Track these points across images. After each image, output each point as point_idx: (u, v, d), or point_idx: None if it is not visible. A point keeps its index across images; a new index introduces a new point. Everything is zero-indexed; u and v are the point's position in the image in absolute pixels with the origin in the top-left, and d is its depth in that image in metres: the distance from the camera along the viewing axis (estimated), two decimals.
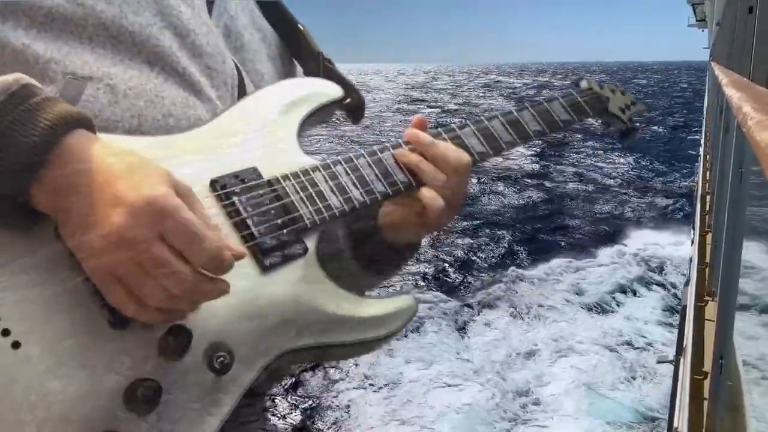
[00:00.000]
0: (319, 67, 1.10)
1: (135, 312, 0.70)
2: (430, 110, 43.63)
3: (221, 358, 0.76)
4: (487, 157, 1.05)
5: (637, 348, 8.75)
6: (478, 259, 12.57)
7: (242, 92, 0.98)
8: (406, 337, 8.45)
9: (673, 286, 10.61)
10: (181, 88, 0.88)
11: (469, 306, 10.14)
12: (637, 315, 9.86)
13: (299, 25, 1.13)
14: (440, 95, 60.79)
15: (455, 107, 45.70)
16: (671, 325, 9.04)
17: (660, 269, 11.58)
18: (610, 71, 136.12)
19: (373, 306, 0.90)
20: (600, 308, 10.19)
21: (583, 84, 1.26)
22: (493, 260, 12.57)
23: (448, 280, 11.40)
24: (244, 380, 0.79)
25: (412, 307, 0.93)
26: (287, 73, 1.13)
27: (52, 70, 0.79)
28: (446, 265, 11.84)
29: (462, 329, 9.40)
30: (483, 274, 11.70)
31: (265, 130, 0.92)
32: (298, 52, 1.13)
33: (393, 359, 8.23)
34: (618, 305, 10.32)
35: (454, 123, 1.06)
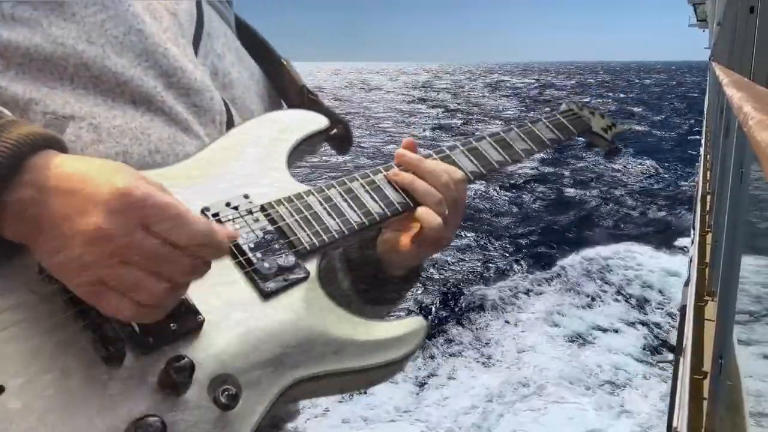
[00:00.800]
0: (304, 100, 1.10)
1: (135, 314, 0.66)
2: (431, 110, 43.55)
3: (227, 391, 0.70)
4: (479, 176, 1.06)
5: (618, 387, 7.92)
6: (452, 281, 11.15)
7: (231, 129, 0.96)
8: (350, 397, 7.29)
9: (657, 326, 9.60)
10: (167, 125, 0.86)
11: (432, 357, 8.72)
12: (617, 351, 8.79)
13: (283, 60, 1.12)
14: (442, 95, 60.57)
15: (457, 107, 45.47)
16: (650, 364, 8.41)
17: (641, 306, 10.30)
18: (613, 71, 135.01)
19: (383, 329, 0.86)
20: (581, 341, 9.14)
21: (563, 107, 1.30)
22: (468, 282, 11.08)
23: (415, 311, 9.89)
24: (253, 415, 0.73)
25: (423, 328, 0.90)
26: (274, 109, 1.12)
27: (32, 110, 0.76)
28: (419, 293, 10.32)
29: (422, 383, 8.04)
30: (456, 308, 10.24)
31: (255, 160, 0.91)
32: (282, 88, 1.13)
33: (326, 418, 7.09)
34: (596, 340, 9.21)
35: (443, 145, 1.07)
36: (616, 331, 9.51)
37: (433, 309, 10.11)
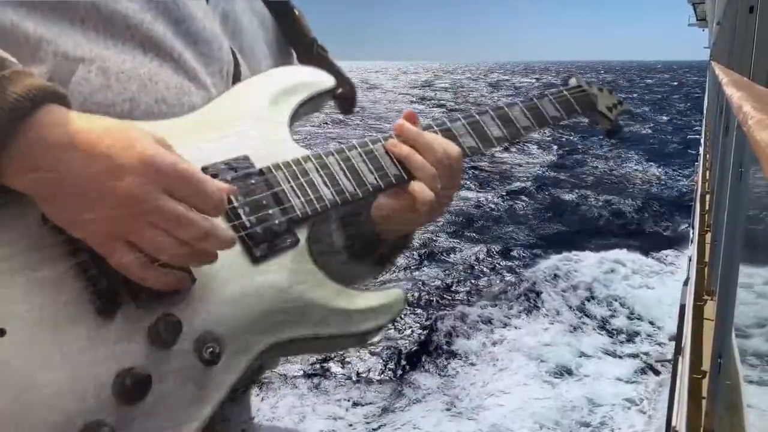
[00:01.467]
0: (313, 53, 1.10)
1: (142, 271, 0.70)
2: (433, 109, 43.35)
3: (211, 349, 0.75)
4: (477, 151, 1.06)
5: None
6: (417, 313, 9.91)
7: (237, 80, 0.97)
8: None
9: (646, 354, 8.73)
10: (175, 73, 0.87)
11: (390, 409, 7.49)
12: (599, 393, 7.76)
13: (295, 10, 1.12)
14: (441, 94, 60.38)
15: (459, 106, 45.20)
16: (635, 402, 7.61)
17: (630, 338, 9.26)
18: (614, 71, 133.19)
19: (364, 298, 0.90)
20: (562, 374, 8.20)
21: (572, 81, 1.27)
22: (444, 308, 9.96)
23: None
24: (234, 371, 0.78)
25: (402, 299, 0.93)
26: (283, 58, 1.12)
27: (43, 50, 0.77)
28: (390, 330, 8.89)
29: None
30: (426, 347, 8.95)
31: (258, 118, 0.92)
32: (293, 38, 1.13)
33: None
34: (576, 376, 8.17)
35: (446, 117, 1.07)
36: (599, 358, 8.66)
37: (403, 349, 8.73)
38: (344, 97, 1.06)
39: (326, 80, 1.01)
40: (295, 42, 1.13)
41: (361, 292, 0.91)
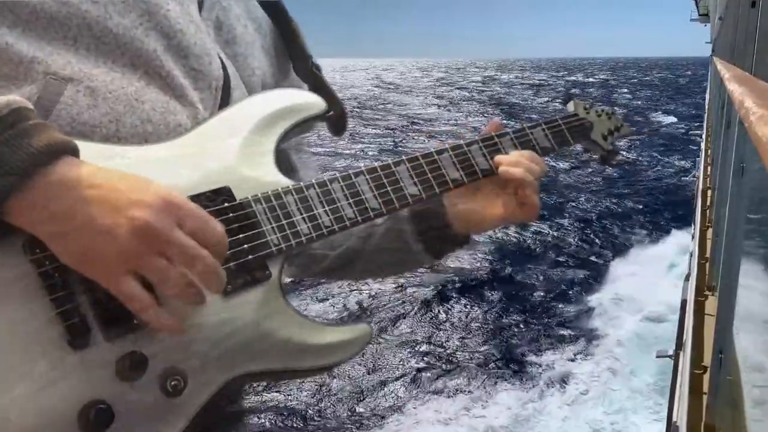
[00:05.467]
0: (308, 68, 1.12)
1: (146, 307, 0.73)
2: (442, 109, 42.97)
3: (174, 382, 0.78)
4: (461, 185, 1.06)
5: None
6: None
7: (227, 94, 0.98)
8: None
9: None
10: (162, 92, 0.88)
11: None
12: None
13: (293, 23, 1.13)
14: (460, 92, 59.71)
15: (473, 107, 44.62)
16: None
17: None
18: (639, 68, 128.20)
19: (331, 333, 0.92)
20: None
21: (570, 106, 1.24)
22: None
23: None
24: (196, 402, 0.81)
25: (368, 335, 0.95)
26: (281, 64, 1.13)
27: (34, 70, 0.79)
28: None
29: None
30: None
31: (243, 147, 0.92)
32: (290, 50, 1.14)
33: None
34: None
35: (436, 146, 1.07)
36: None
37: None
38: (335, 120, 1.07)
39: (317, 104, 1.01)
40: (291, 55, 1.14)
41: (329, 327, 0.93)
